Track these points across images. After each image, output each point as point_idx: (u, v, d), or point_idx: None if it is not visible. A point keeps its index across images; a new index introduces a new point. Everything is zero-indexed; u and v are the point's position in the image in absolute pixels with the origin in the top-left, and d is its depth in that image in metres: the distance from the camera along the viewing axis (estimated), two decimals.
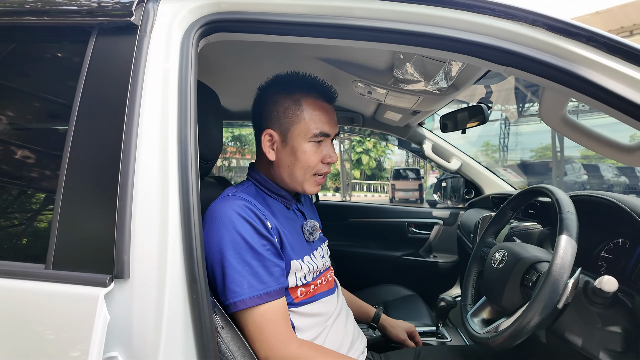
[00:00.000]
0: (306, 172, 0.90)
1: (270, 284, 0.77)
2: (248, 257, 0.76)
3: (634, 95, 0.59)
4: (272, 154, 0.90)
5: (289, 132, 0.88)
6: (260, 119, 0.92)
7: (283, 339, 0.76)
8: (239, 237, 0.77)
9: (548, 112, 0.76)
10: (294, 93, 0.89)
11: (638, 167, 4.00)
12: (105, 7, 0.68)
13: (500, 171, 10.13)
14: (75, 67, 0.66)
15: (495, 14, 0.65)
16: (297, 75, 0.94)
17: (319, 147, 0.90)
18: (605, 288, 0.74)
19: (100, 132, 0.63)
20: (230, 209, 0.79)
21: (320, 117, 0.89)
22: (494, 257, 0.95)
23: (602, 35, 0.61)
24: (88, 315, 0.54)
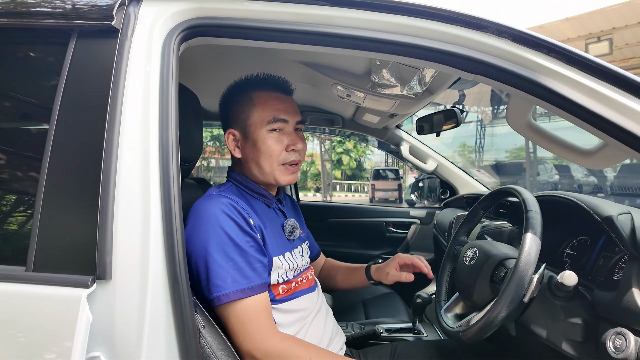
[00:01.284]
0: (271, 162, 0.92)
1: (254, 279, 0.79)
2: (232, 253, 0.78)
3: (589, 103, 0.64)
4: (238, 152, 0.94)
5: (247, 127, 0.92)
6: (222, 121, 0.98)
7: (265, 333, 0.78)
8: (224, 233, 0.79)
9: (514, 117, 0.80)
10: (247, 91, 0.94)
11: (595, 169, 4.18)
12: (85, 10, 0.68)
13: (474, 172, 10.39)
14: (55, 70, 0.67)
15: (465, 25, 0.69)
16: (252, 76, 0.98)
17: (280, 135, 0.92)
18: (567, 282, 0.79)
19: (81, 134, 0.64)
20: (215, 207, 0.81)
21: (273, 105, 0.92)
22: (466, 254, 1.00)
23: (561, 47, 0.66)
24: (70, 316, 0.54)
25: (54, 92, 0.65)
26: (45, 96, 0.67)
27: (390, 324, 1.40)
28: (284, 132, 0.93)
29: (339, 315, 1.25)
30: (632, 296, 0.76)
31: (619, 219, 0.85)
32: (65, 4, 0.69)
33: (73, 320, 0.54)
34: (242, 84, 0.97)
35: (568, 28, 7.62)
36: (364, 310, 1.64)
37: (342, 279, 1.26)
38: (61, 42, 0.67)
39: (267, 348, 0.77)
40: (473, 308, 0.97)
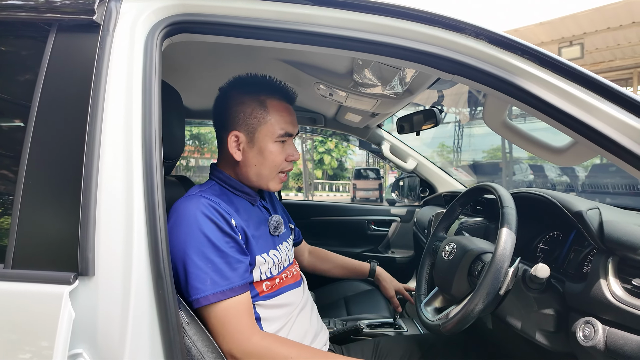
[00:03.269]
0: (272, 170, 0.93)
1: (234, 279, 0.79)
2: (211, 254, 0.78)
3: (560, 103, 0.68)
4: (239, 155, 0.92)
5: (256, 132, 0.91)
6: (223, 120, 0.94)
7: (246, 332, 0.78)
8: (203, 235, 0.78)
9: (490, 116, 0.83)
10: (259, 95, 0.92)
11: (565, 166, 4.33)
12: (65, 4, 0.67)
13: (453, 171, 10.59)
14: (33, 65, 0.65)
15: (444, 27, 0.71)
16: (259, 77, 0.97)
17: (283, 146, 0.94)
18: (540, 275, 0.83)
19: (62, 130, 0.63)
20: (194, 208, 0.81)
21: (285, 117, 0.93)
22: (445, 249, 1.03)
23: (534, 50, 0.69)
24: (52, 313, 0.54)
25: (32, 88, 0.63)
26: (24, 91, 0.65)
27: (371, 320, 1.42)
28: (286, 142, 0.94)
29: (321, 312, 1.26)
30: (600, 287, 0.81)
31: (588, 214, 0.90)
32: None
33: (55, 317, 0.53)
34: (252, 85, 0.94)
35: (542, 32, 7.86)
36: (346, 307, 1.66)
37: (337, 272, 1.40)
38: (40, 36, 0.66)
39: (246, 348, 0.77)
40: (452, 301, 1.00)
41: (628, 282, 0.79)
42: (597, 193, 6.28)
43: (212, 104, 0.99)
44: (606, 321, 0.78)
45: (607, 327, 0.78)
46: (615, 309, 0.77)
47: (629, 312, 0.74)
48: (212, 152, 17.53)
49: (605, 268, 0.83)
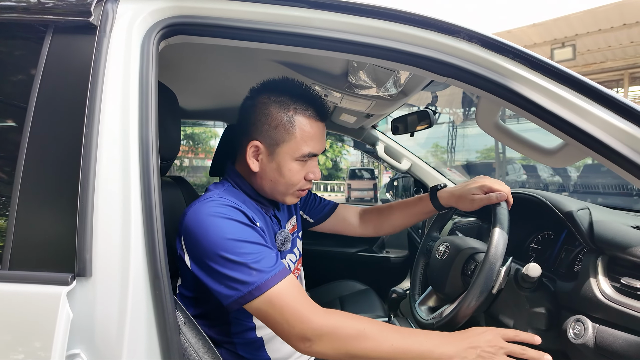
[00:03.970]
0: (288, 187, 0.89)
1: (277, 264, 0.76)
2: (247, 248, 0.75)
3: (551, 105, 0.69)
4: (256, 165, 0.88)
5: (277, 147, 0.86)
6: (246, 124, 0.89)
7: (309, 311, 0.73)
8: (234, 233, 0.76)
9: (483, 118, 0.85)
10: (289, 108, 0.86)
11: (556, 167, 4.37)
12: (62, 5, 0.67)
13: (447, 171, 10.65)
14: (30, 65, 0.65)
15: (438, 30, 0.72)
16: (293, 85, 0.90)
17: (305, 165, 0.89)
18: (531, 274, 0.84)
19: (59, 131, 0.63)
20: (219, 209, 0.78)
21: (312, 136, 0.87)
22: (438, 249, 1.04)
23: (525, 53, 0.70)
24: (50, 314, 0.54)
25: (29, 88, 0.64)
26: (21, 93, 0.65)
27: None
28: (309, 161, 0.90)
29: None
30: (590, 285, 0.82)
31: (578, 214, 0.92)
32: None
33: (53, 318, 0.53)
34: (283, 94, 0.87)
35: (534, 33, 7.94)
36: (341, 306, 1.67)
37: (402, 216, 1.17)
38: (37, 38, 0.66)
39: (316, 326, 0.71)
40: (445, 300, 1.01)
41: (617, 281, 0.81)
42: (588, 193, 6.35)
43: (207, 105, 0.98)
44: (596, 319, 0.80)
45: (596, 324, 0.79)
46: (605, 307, 0.79)
47: (617, 310, 0.76)
48: (205, 152, 17.44)
49: (595, 267, 0.84)
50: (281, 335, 0.74)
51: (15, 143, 0.62)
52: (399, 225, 1.18)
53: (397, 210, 1.17)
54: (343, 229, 1.23)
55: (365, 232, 1.22)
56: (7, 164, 0.64)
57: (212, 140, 16.76)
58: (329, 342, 0.71)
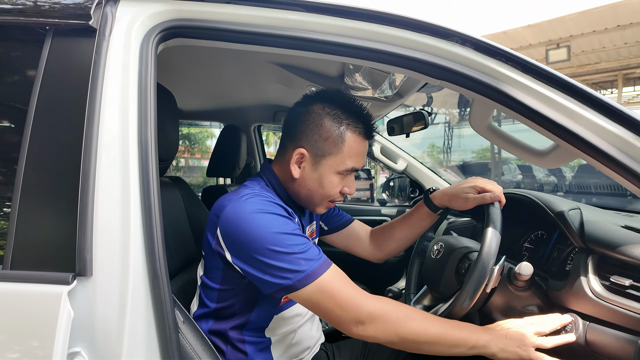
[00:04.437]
0: (324, 199, 0.92)
1: (321, 254, 0.79)
2: (292, 240, 0.77)
3: (542, 108, 0.71)
4: (298, 172, 0.90)
5: (323, 158, 0.88)
6: (296, 130, 0.90)
7: (360, 296, 0.76)
8: (277, 226, 0.78)
9: (476, 120, 0.86)
10: (341, 123, 0.88)
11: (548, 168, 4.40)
12: (61, 8, 0.68)
13: (442, 172, 10.67)
14: (30, 68, 0.66)
15: (432, 34, 0.73)
16: (348, 100, 0.91)
17: (344, 178, 0.91)
18: (523, 272, 0.86)
19: (59, 132, 0.64)
20: (260, 206, 0.80)
21: (357, 153, 0.89)
22: (433, 249, 1.06)
23: (517, 57, 0.72)
24: (51, 312, 0.55)
25: (29, 90, 0.64)
26: (22, 95, 0.66)
27: None
28: (348, 175, 0.92)
29: None
30: (580, 284, 0.84)
31: (570, 214, 0.93)
32: (41, 2, 0.68)
33: (54, 316, 0.54)
34: (338, 108, 0.88)
35: (530, 34, 7.99)
36: None
37: (403, 228, 1.15)
38: (37, 41, 0.67)
39: (368, 308, 0.74)
40: (440, 299, 1.03)
41: (607, 279, 0.83)
42: (583, 193, 6.40)
43: (205, 106, 0.99)
44: (586, 316, 0.82)
45: (587, 322, 0.81)
46: (595, 305, 0.80)
47: (607, 308, 0.78)
48: (202, 152, 17.36)
49: (585, 266, 0.86)
50: (333, 321, 0.76)
51: (16, 144, 0.63)
52: (402, 239, 1.16)
53: (397, 223, 1.17)
54: (354, 246, 1.23)
55: (373, 254, 1.21)
56: (8, 165, 0.65)
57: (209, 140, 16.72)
58: (382, 324, 0.75)
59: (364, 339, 0.76)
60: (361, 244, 1.23)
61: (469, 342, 0.76)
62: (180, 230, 1.13)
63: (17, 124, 0.65)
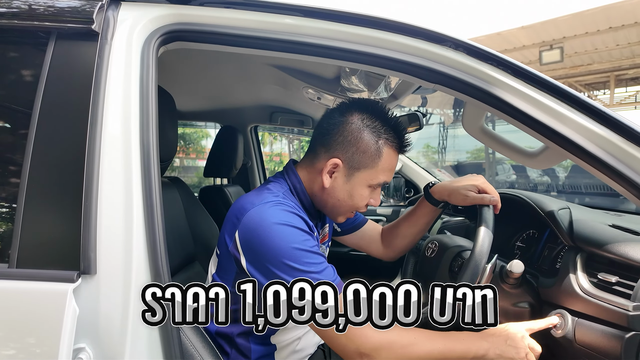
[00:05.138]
0: (350, 210, 0.92)
1: (335, 276, 0.78)
2: (312, 259, 0.77)
3: (532, 111, 0.73)
4: (329, 182, 0.88)
5: (357, 171, 0.87)
6: (332, 139, 0.88)
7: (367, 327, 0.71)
8: (299, 244, 0.77)
9: (469, 122, 0.89)
10: (379, 136, 0.87)
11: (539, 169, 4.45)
12: (64, 13, 0.69)
13: (437, 172, 10.71)
14: (34, 71, 0.68)
15: (426, 39, 0.76)
16: (385, 113, 0.90)
17: (373, 191, 0.91)
18: (514, 270, 0.88)
19: (63, 133, 0.66)
20: (284, 218, 0.79)
21: (391, 167, 0.90)
22: (428, 247, 1.08)
23: (508, 61, 0.74)
24: (57, 309, 0.56)
25: (34, 92, 0.66)
26: (25, 96, 0.68)
27: None
28: (376, 189, 0.92)
29: None
30: (569, 281, 0.87)
31: (559, 214, 0.96)
32: (44, 6, 0.70)
33: (60, 313, 0.56)
34: (377, 121, 0.88)
35: (523, 36, 8.04)
36: None
37: (408, 225, 1.15)
38: (40, 44, 0.69)
39: (375, 342, 0.73)
40: None
41: (594, 276, 0.85)
42: (576, 194, 6.46)
43: (202, 106, 1.00)
44: (575, 312, 0.85)
45: (576, 318, 0.84)
46: (583, 301, 0.83)
47: (594, 304, 0.81)
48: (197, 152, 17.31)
49: (574, 263, 0.89)
50: (337, 349, 0.75)
51: (21, 146, 0.64)
52: (409, 235, 1.15)
53: (403, 221, 1.17)
54: (367, 246, 1.23)
55: (386, 253, 1.21)
56: (14, 166, 0.67)
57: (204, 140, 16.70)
58: (387, 355, 0.74)
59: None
60: (374, 244, 1.22)
61: (470, 353, 0.76)
62: (178, 229, 1.14)
63: (22, 126, 0.66)
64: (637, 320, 0.72)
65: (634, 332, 0.73)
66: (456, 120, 11.29)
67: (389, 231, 1.21)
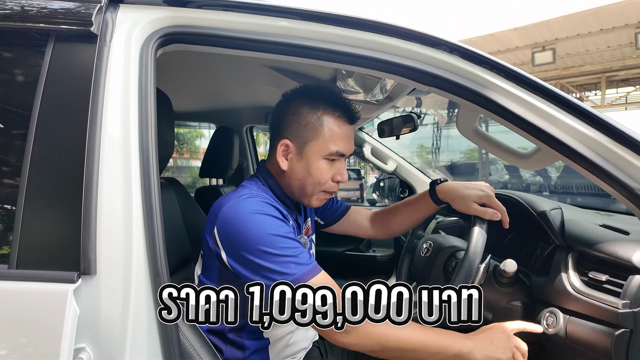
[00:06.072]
0: (316, 187, 0.92)
1: (312, 259, 0.80)
2: (285, 243, 0.79)
3: (524, 113, 0.75)
4: (285, 164, 0.92)
5: (306, 146, 0.90)
6: (279, 126, 0.93)
7: None
8: (272, 228, 0.80)
9: (463, 124, 0.90)
10: (318, 108, 0.90)
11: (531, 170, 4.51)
12: (63, 15, 0.70)
13: (431, 172, 10.77)
14: (32, 73, 0.68)
15: (422, 42, 0.77)
16: (324, 90, 0.94)
17: (333, 164, 0.92)
18: (507, 269, 0.90)
19: (63, 135, 0.66)
20: (256, 206, 0.82)
21: (340, 137, 0.90)
22: (422, 247, 1.10)
23: (501, 64, 0.76)
24: (58, 310, 0.57)
25: (33, 93, 0.66)
26: (24, 98, 0.68)
27: None
28: (337, 161, 0.93)
29: None
30: (561, 280, 0.89)
31: (551, 214, 0.98)
32: (43, 9, 0.70)
33: (61, 313, 0.56)
34: (314, 97, 0.92)
35: (516, 37, 8.12)
36: None
37: (407, 213, 1.15)
38: (39, 46, 0.69)
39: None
40: None
41: (585, 275, 0.87)
42: (568, 194, 6.53)
43: (198, 107, 1.00)
44: (566, 310, 0.87)
45: (567, 315, 0.86)
46: (574, 299, 0.85)
47: (585, 302, 0.83)
48: (191, 152, 17.24)
49: (565, 263, 0.91)
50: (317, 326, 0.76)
51: (21, 147, 0.65)
52: (406, 223, 1.18)
53: (403, 209, 1.18)
54: (355, 232, 1.25)
55: (376, 234, 1.23)
56: (13, 167, 0.67)
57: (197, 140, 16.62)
58: (364, 332, 0.75)
59: (345, 346, 0.77)
60: (361, 229, 1.24)
61: (452, 349, 0.77)
62: (175, 230, 1.15)
63: (21, 128, 0.67)
64: (626, 318, 0.74)
65: (623, 329, 0.75)
66: (450, 120, 11.35)
67: (384, 216, 1.22)
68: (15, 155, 0.67)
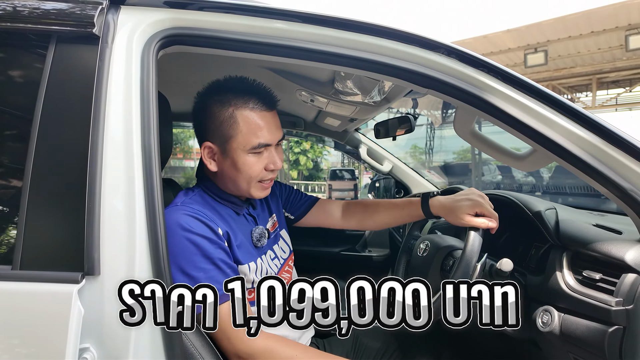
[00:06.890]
0: (250, 181, 0.90)
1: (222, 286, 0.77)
2: (201, 263, 0.78)
3: (520, 115, 0.76)
4: (214, 165, 0.91)
5: (227, 144, 0.88)
6: (198, 128, 0.92)
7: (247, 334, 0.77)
8: (192, 245, 0.79)
9: (460, 126, 0.92)
10: (229, 104, 0.87)
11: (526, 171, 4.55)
12: (65, 16, 0.70)
13: (425, 173, 10.83)
14: (34, 74, 0.68)
15: (420, 45, 0.78)
16: (234, 81, 0.92)
17: (261, 156, 0.90)
18: (504, 268, 0.92)
19: (66, 137, 0.66)
20: (179, 219, 0.81)
21: (259, 126, 0.87)
22: (419, 247, 1.11)
23: (497, 67, 0.78)
24: (62, 310, 0.57)
25: (35, 95, 0.66)
26: (27, 99, 0.68)
27: None
28: (264, 151, 0.90)
29: None
30: (556, 278, 0.91)
31: (546, 214, 1.00)
32: (45, 10, 0.70)
33: (65, 314, 0.57)
34: (222, 92, 0.89)
35: (509, 39, 8.21)
36: None
37: (388, 216, 1.13)
38: (41, 47, 0.69)
39: (250, 347, 0.78)
40: None
41: (579, 274, 0.89)
42: (560, 194, 6.61)
43: None
44: (561, 309, 0.88)
45: (562, 314, 0.87)
46: (569, 298, 0.87)
47: (579, 300, 0.84)
48: (184, 152, 17.20)
49: (560, 262, 0.93)
50: (220, 349, 0.79)
51: (24, 149, 0.65)
52: (383, 224, 1.17)
53: (385, 209, 1.15)
54: (325, 222, 1.23)
55: (348, 224, 1.21)
56: (17, 169, 0.67)
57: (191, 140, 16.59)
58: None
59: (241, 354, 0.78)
60: (332, 219, 1.22)
61: None
62: None
63: (24, 129, 0.67)
64: (619, 315, 0.76)
65: (616, 326, 0.76)
66: (444, 121, 11.42)
67: (362, 208, 1.20)
68: (18, 157, 0.68)
